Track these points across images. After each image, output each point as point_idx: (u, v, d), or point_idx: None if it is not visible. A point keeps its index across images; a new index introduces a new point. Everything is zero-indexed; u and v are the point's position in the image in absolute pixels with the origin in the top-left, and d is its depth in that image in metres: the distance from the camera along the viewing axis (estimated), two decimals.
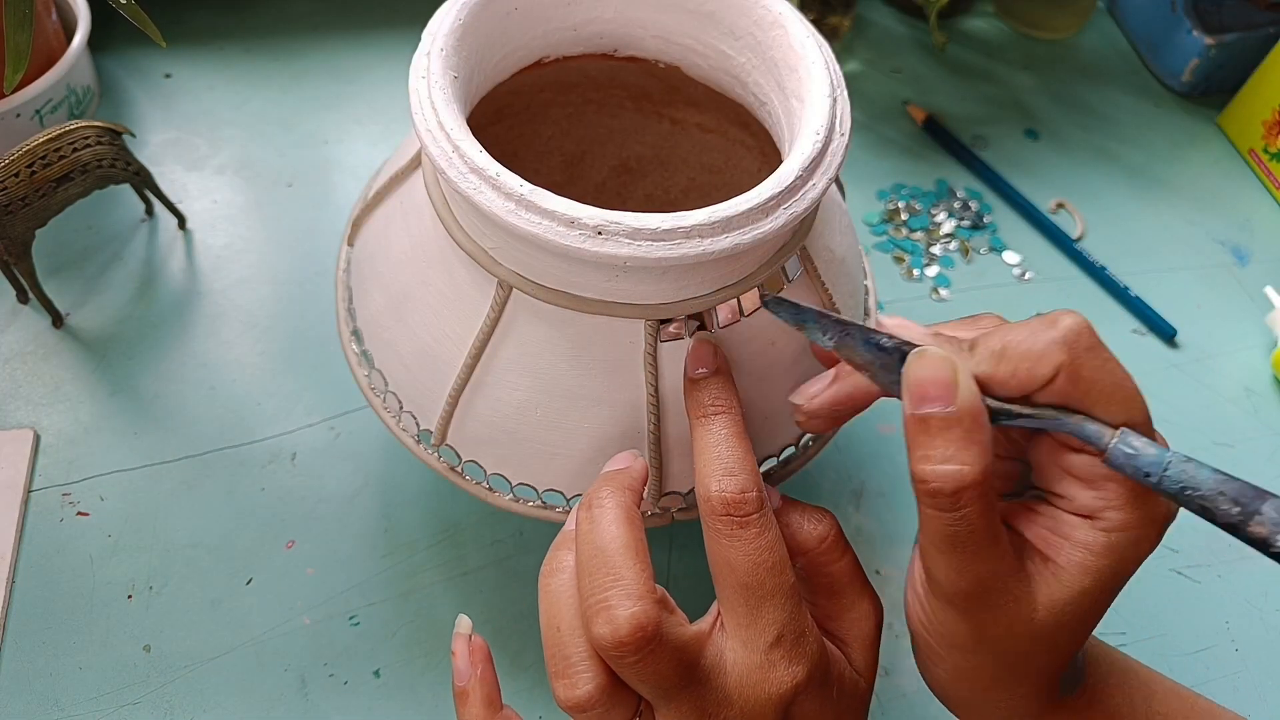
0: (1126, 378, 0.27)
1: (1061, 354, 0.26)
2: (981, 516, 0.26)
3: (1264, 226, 0.65)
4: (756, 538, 0.28)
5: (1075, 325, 0.27)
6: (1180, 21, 0.69)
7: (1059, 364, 0.26)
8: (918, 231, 0.62)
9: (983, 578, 0.27)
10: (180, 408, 0.49)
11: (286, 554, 0.46)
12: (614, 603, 0.26)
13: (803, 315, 0.31)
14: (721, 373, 0.31)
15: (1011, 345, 0.27)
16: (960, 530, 0.26)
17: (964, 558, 0.27)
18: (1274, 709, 0.46)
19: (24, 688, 0.41)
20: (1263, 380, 0.57)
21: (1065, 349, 0.26)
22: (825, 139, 0.32)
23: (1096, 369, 0.27)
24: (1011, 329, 0.28)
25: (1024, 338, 0.27)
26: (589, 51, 0.41)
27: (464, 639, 0.33)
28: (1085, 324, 0.27)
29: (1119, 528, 0.27)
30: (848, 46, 0.72)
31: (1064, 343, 0.27)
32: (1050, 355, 0.27)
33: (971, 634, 0.28)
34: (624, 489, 0.29)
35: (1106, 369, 0.27)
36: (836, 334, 0.30)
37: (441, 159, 0.31)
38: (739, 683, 0.28)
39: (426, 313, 0.36)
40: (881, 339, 0.29)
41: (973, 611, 0.28)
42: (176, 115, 0.61)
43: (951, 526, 0.26)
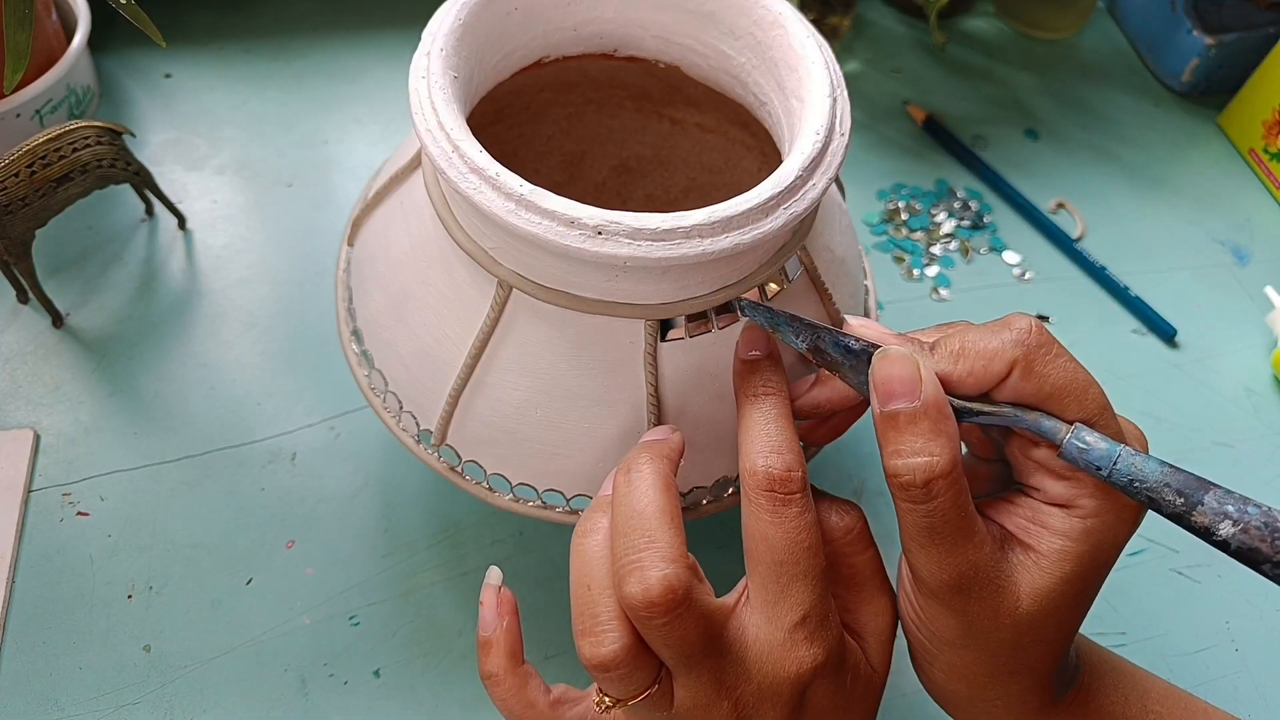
0: (1079, 372, 0.28)
1: (1015, 351, 0.28)
2: (954, 506, 0.27)
3: (1264, 226, 0.65)
4: (797, 517, 0.28)
5: (1027, 325, 0.28)
6: (1180, 21, 0.69)
7: (1012, 360, 0.28)
8: (918, 231, 0.62)
9: (963, 568, 0.28)
10: (180, 408, 0.49)
11: (286, 554, 0.46)
12: (647, 564, 0.26)
13: (775, 320, 0.32)
14: (773, 357, 0.32)
15: (969, 345, 0.29)
16: (935, 521, 0.27)
17: (942, 549, 0.27)
18: (1274, 709, 0.46)
19: (24, 688, 0.41)
20: (1263, 380, 0.57)
21: (1018, 347, 0.28)
22: (825, 139, 0.32)
23: (1048, 364, 0.28)
24: (969, 330, 0.29)
25: (979, 338, 0.29)
26: (589, 51, 0.41)
27: (493, 589, 0.33)
28: (1037, 324, 0.29)
29: (1093, 514, 0.28)
30: (848, 46, 0.71)
31: (1017, 342, 0.28)
32: (1004, 353, 0.28)
33: (960, 627, 0.29)
34: (662, 457, 0.30)
35: (1058, 364, 0.28)
36: (808, 337, 0.31)
37: (441, 159, 0.31)
38: (759, 657, 0.28)
39: (426, 313, 0.36)
40: (850, 341, 0.30)
41: (958, 604, 0.28)
42: (176, 115, 0.61)
43: (927, 518, 0.27)
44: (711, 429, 0.36)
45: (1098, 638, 0.46)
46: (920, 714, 0.44)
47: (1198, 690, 0.46)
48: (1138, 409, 0.55)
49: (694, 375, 0.35)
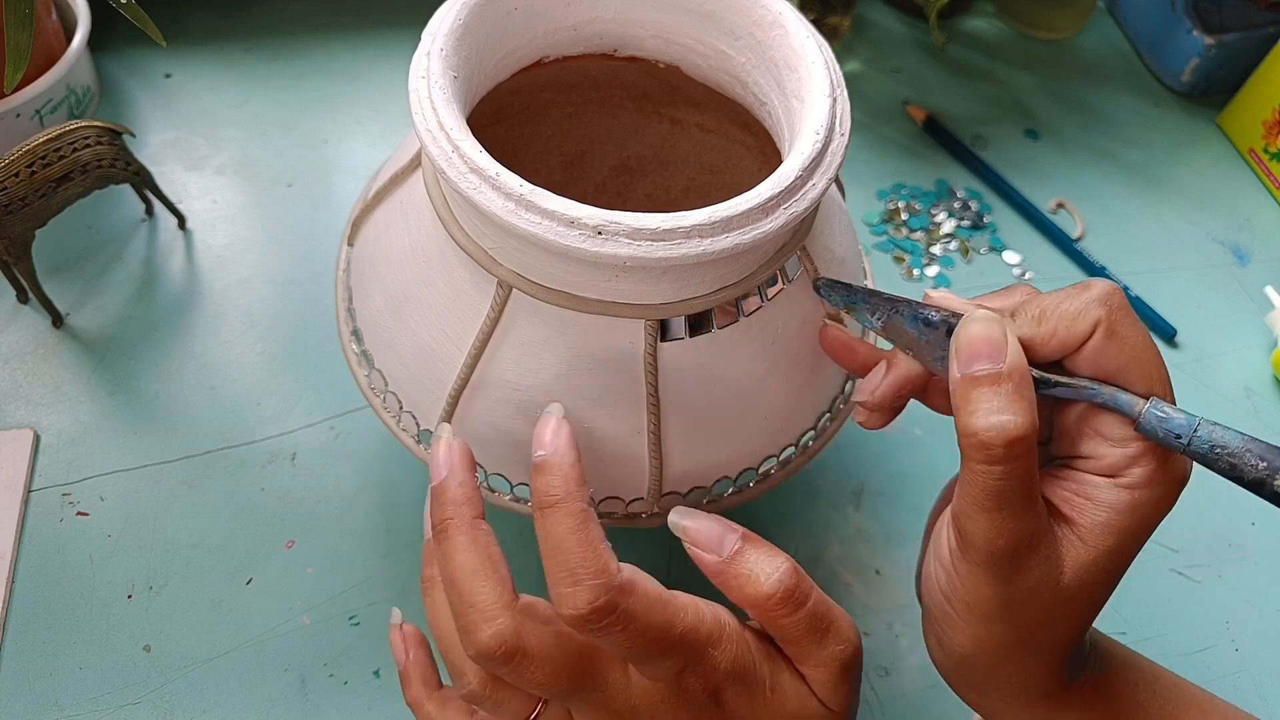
0: (1153, 345, 0.29)
1: (1098, 310, 0.28)
2: (1028, 471, 0.27)
3: (1264, 226, 0.65)
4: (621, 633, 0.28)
5: (1108, 287, 0.29)
6: (1180, 21, 0.69)
7: (1096, 320, 0.28)
8: (918, 231, 0.62)
9: (1021, 535, 0.28)
10: (180, 408, 0.49)
11: (286, 554, 0.46)
12: (473, 627, 0.28)
13: (853, 296, 0.32)
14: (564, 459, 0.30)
15: (1049, 308, 0.29)
16: (1006, 485, 0.27)
17: (1006, 515, 0.27)
18: (1274, 709, 0.46)
19: (24, 688, 0.41)
20: (1263, 380, 0.57)
21: (1101, 306, 0.28)
22: (825, 139, 0.32)
23: (1130, 328, 0.28)
24: (1048, 296, 0.29)
25: (1061, 300, 0.29)
26: (589, 51, 0.41)
27: (396, 629, 0.36)
28: (1117, 287, 0.29)
29: (1143, 483, 0.28)
30: (848, 46, 0.72)
31: (1099, 301, 0.28)
32: (1088, 313, 0.28)
33: (997, 598, 0.29)
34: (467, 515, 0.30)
35: (1137, 330, 0.28)
36: (885, 312, 0.31)
37: (441, 159, 0.31)
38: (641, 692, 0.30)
39: (426, 313, 0.36)
40: (930, 313, 0.30)
41: (1006, 572, 0.28)
42: (176, 115, 0.61)
43: (999, 481, 0.27)
44: (711, 429, 0.36)
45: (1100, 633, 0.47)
46: (920, 714, 0.44)
47: None
48: None
49: (694, 375, 0.35)
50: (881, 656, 0.45)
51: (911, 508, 0.50)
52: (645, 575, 0.29)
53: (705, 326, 0.34)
